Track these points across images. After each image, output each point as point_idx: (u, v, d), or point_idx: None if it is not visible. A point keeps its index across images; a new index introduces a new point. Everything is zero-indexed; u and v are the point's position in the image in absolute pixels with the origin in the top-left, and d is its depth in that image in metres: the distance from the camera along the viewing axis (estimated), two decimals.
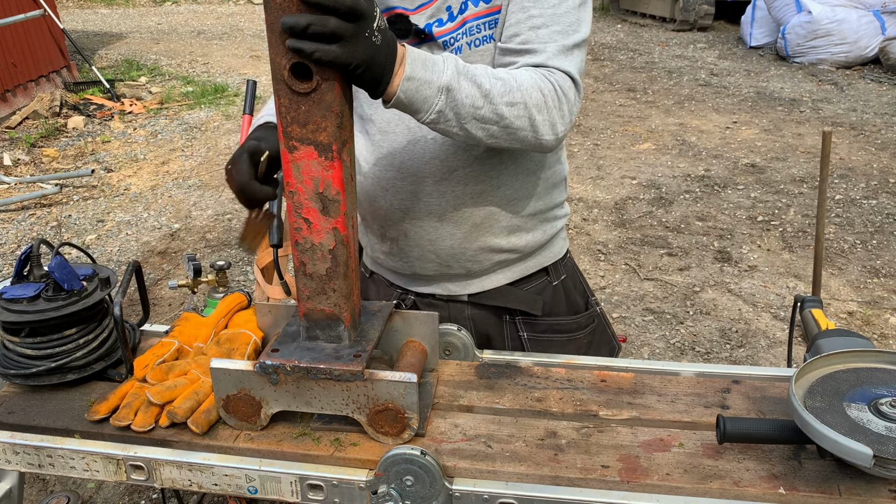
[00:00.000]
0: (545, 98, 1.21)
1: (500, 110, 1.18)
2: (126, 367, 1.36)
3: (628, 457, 1.14)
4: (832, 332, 1.42)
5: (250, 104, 2.51)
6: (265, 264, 2.20)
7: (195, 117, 7.51)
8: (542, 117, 1.21)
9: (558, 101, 1.22)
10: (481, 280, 1.56)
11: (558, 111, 1.22)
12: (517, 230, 1.51)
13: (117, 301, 1.31)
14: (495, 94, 1.17)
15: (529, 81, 1.20)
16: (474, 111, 1.16)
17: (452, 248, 1.50)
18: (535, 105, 1.20)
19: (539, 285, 1.59)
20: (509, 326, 1.60)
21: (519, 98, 1.18)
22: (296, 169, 1.07)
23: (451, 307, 1.59)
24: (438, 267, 1.53)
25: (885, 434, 1.03)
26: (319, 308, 1.17)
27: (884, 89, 7.74)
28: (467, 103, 1.15)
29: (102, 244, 4.86)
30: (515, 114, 1.19)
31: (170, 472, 1.19)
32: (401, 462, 1.10)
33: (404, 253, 1.54)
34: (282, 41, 0.98)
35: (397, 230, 1.51)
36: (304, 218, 1.11)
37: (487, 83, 1.16)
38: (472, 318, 1.59)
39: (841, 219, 4.88)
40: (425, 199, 1.45)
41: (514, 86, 1.19)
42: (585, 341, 1.65)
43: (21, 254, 1.36)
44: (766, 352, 3.56)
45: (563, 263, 1.63)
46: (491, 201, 1.46)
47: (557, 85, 1.22)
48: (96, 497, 2.73)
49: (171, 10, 14.86)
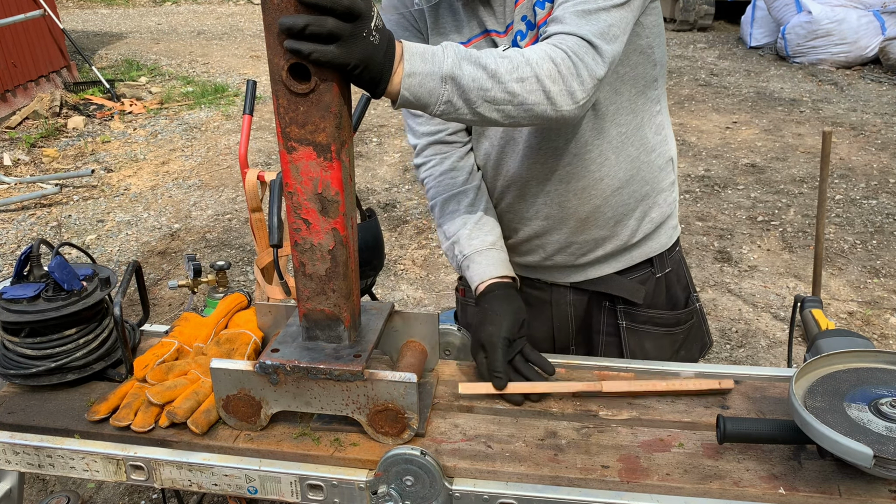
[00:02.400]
0: (557, 67, 1.15)
1: (511, 87, 1.13)
2: (126, 367, 1.37)
3: (628, 457, 1.14)
4: (832, 332, 1.42)
5: (250, 104, 2.51)
6: (265, 264, 2.20)
7: (195, 117, 7.51)
8: (558, 87, 1.15)
9: (574, 66, 1.16)
10: (586, 270, 1.57)
11: (576, 78, 1.16)
12: (623, 219, 1.51)
13: (117, 301, 1.31)
14: (502, 72, 1.13)
15: (539, 54, 1.16)
16: (483, 94, 1.13)
17: (559, 242, 1.53)
18: (547, 76, 1.14)
19: (643, 276, 1.58)
20: (608, 314, 1.60)
21: (528, 73, 1.14)
22: (294, 170, 1.07)
23: (553, 290, 1.62)
24: (543, 260, 1.57)
25: (885, 434, 1.03)
26: (319, 308, 1.17)
27: (884, 89, 7.74)
28: (474, 87, 1.12)
29: (102, 244, 4.86)
30: (528, 88, 1.14)
31: (170, 472, 1.19)
32: (401, 462, 1.10)
33: (511, 248, 1.56)
34: (280, 42, 0.98)
35: (508, 229, 1.56)
36: (303, 219, 1.11)
37: (493, 63, 1.13)
38: (572, 304, 1.62)
39: (841, 219, 4.88)
40: (531, 199, 1.48)
41: (522, 61, 1.14)
42: (682, 337, 1.62)
43: (21, 254, 1.37)
44: (766, 352, 3.56)
45: (669, 256, 1.60)
46: (595, 195, 1.46)
47: (570, 51, 1.16)
48: (96, 497, 2.73)
49: (171, 10, 14.86)
